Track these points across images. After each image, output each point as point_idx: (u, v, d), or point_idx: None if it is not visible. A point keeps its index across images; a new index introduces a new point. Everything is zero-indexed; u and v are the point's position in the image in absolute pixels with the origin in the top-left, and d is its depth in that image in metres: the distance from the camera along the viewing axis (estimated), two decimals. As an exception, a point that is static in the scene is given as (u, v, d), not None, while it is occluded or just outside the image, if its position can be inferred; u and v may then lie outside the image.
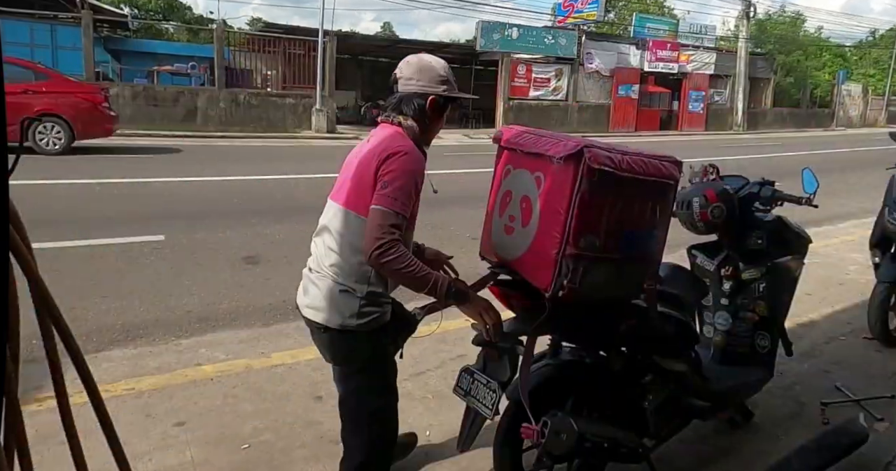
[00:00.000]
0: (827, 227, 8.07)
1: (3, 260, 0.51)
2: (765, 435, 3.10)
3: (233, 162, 11.70)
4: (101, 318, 4.24)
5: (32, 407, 2.82)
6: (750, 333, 3.09)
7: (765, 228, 3.02)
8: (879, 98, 40.32)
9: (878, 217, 4.32)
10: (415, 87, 2.11)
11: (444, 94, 2.14)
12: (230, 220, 7.07)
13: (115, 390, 3.26)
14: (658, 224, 2.09)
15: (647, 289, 2.16)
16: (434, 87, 2.12)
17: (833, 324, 4.68)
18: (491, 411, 2.22)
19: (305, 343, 3.98)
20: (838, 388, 3.55)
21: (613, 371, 2.37)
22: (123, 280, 4.98)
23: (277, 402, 3.26)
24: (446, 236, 6.88)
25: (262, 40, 21.03)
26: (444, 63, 2.20)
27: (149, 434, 2.90)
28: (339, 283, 2.11)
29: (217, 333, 4.13)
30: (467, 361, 2.64)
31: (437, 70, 2.14)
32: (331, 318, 2.13)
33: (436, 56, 2.22)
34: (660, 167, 2.02)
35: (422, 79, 2.11)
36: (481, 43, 23.76)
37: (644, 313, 2.29)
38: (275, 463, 2.73)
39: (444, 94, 2.14)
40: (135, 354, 3.76)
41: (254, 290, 4.94)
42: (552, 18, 29.05)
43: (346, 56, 24.64)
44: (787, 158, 16.23)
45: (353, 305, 2.09)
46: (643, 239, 2.07)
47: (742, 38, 30.38)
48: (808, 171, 3.17)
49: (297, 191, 9.30)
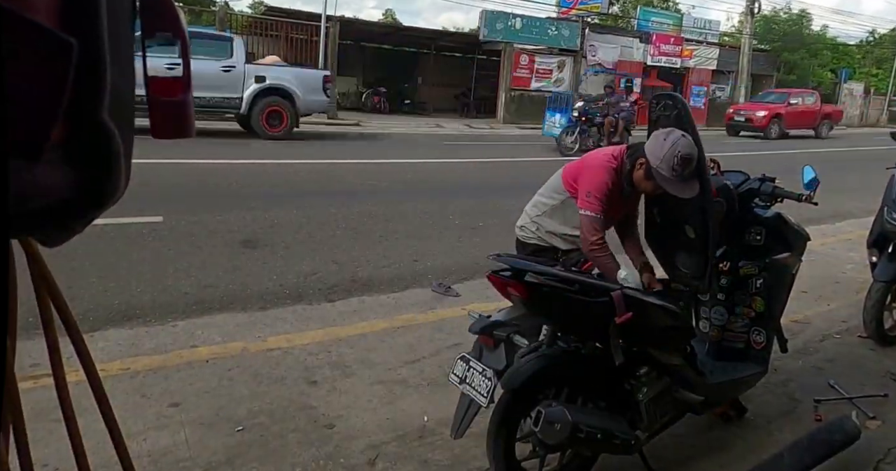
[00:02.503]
0: (825, 225, 8.07)
1: (2, 235, 0.51)
2: (758, 431, 3.11)
3: (232, 145, 11.66)
4: (98, 298, 4.23)
5: (28, 384, 2.82)
6: (746, 329, 3.10)
7: (764, 225, 3.02)
8: (881, 98, 40.24)
9: (876, 216, 4.32)
10: None
11: None
12: (229, 203, 7.05)
13: (111, 369, 3.26)
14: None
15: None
16: None
17: (828, 322, 4.69)
18: (486, 399, 2.22)
19: (302, 328, 4.01)
20: (832, 385, 3.56)
21: (609, 363, 2.37)
22: (121, 261, 4.96)
23: (272, 385, 3.26)
24: (444, 225, 6.87)
25: (265, 23, 20.87)
26: None
27: (143, 414, 2.90)
28: None
29: (213, 315, 4.12)
30: (463, 349, 2.64)
31: None
32: None
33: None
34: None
35: None
36: (484, 32, 23.62)
37: (640, 305, 2.29)
38: (269, 446, 2.74)
39: None
40: (131, 334, 3.76)
41: (251, 273, 4.94)
42: (556, 9, 28.91)
43: (348, 42, 24.47)
44: (787, 156, 16.21)
45: None
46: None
47: (746, 34, 30.27)
48: (809, 168, 3.16)
49: (296, 176, 9.28)
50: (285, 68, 13.64)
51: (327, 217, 6.72)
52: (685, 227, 2.74)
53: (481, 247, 5.93)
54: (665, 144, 2.58)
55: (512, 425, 2.30)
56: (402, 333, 4.03)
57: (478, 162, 12.22)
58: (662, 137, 2.61)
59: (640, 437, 2.46)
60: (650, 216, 2.97)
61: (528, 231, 3.11)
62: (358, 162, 11.01)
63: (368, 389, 3.30)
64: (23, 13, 0.46)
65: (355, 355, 3.67)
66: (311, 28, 19.91)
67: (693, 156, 2.56)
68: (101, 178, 0.60)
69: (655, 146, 2.62)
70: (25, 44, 0.47)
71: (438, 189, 9.09)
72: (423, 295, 4.76)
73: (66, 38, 0.48)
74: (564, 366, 2.38)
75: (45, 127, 0.50)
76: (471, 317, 2.47)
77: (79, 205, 0.61)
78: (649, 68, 27.74)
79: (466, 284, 5.01)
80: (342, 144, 14.01)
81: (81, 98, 0.53)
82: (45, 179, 0.53)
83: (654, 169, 2.62)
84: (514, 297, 2.34)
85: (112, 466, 2.24)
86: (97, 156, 0.59)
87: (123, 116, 0.61)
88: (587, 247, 2.74)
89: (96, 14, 0.53)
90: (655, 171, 2.62)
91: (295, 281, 4.85)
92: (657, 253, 2.97)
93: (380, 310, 4.42)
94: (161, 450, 2.66)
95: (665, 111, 2.72)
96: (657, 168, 2.60)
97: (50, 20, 0.50)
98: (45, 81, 0.49)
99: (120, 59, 0.59)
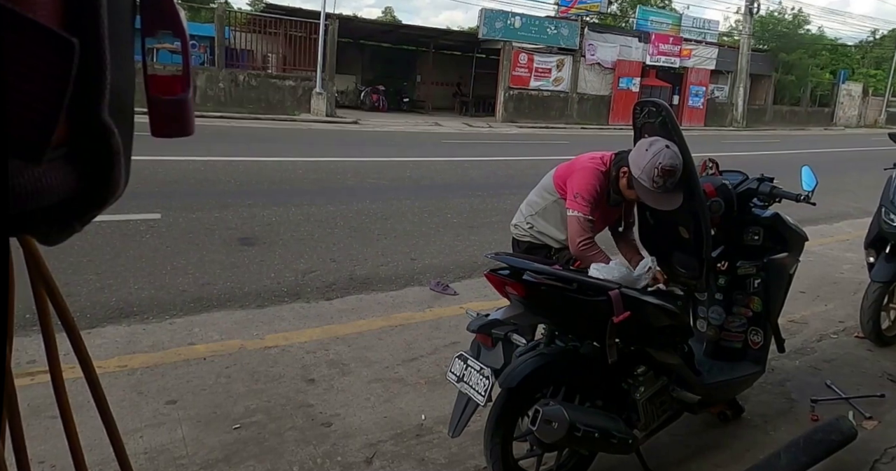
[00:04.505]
0: (823, 225, 8.09)
1: (2, 235, 0.51)
2: (754, 430, 3.12)
3: (231, 143, 11.64)
4: (95, 294, 4.23)
5: (25, 380, 2.81)
6: (743, 329, 3.10)
7: (762, 224, 3.03)
8: (879, 98, 40.30)
9: (874, 217, 4.33)
10: None
11: None
12: (227, 200, 7.04)
13: (108, 366, 3.26)
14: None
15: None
16: None
17: (826, 322, 4.70)
18: (483, 397, 2.22)
19: (299, 326, 4.01)
20: (829, 385, 3.57)
21: (606, 362, 2.38)
22: (119, 257, 4.96)
23: (270, 383, 3.26)
24: (442, 223, 6.87)
25: (264, 21, 20.85)
26: None
27: (140, 411, 2.90)
28: None
29: (211, 313, 4.12)
30: (460, 348, 2.64)
31: None
32: None
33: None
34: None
35: None
36: (484, 31, 23.61)
37: (638, 305, 2.30)
38: (266, 444, 2.74)
39: None
40: (128, 331, 3.75)
41: (249, 271, 4.93)
42: (555, 8, 28.90)
43: (347, 40, 24.46)
44: (786, 156, 16.23)
45: None
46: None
47: (745, 34, 30.29)
48: (808, 168, 3.16)
49: (294, 174, 9.27)
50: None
51: (325, 215, 6.73)
52: (679, 228, 2.74)
53: (479, 245, 5.94)
54: (647, 154, 2.54)
55: (509, 424, 2.30)
56: (400, 332, 4.03)
57: (476, 160, 12.22)
58: (645, 146, 2.58)
59: (638, 436, 2.46)
60: (643, 218, 2.97)
61: (521, 229, 3.12)
62: (356, 160, 11.00)
63: (366, 387, 3.30)
64: (24, 12, 0.46)
65: (353, 353, 3.67)
66: (310, 26, 19.89)
67: (676, 167, 2.50)
68: (101, 177, 0.60)
69: (638, 156, 2.59)
70: (26, 43, 0.46)
71: (436, 187, 9.09)
72: (420, 293, 4.77)
73: (68, 37, 0.48)
74: (562, 365, 2.38)
75: (47, 127, 0.50)
76: (468, 315, 2.47)
77: (79, 204, 0.61)
78: (648, 68, 27.75)
79: (464, 283, 5.02)
80: (340, 142, 13.99)
81: (83, 97, 0.53)
82: (45, 178, 0.53)
83: (635, 179, 2.61)
84: (512, 295, 2.34)
85: (109, 463, 2.25)
86: (98, 155, 0.58)
87: (124, 115, 0.61)
88: (574, 247, 2.75)
89: (97, 13, 0.53)
90: (636, 181, 2.60)
91: (293, 279, 4.84)
92: (653, 254, 2.98)
93: (377, 308, 4.42)
94: (158, 447, 2.65)
95: (650, 118, 2.68)
96: (638, 179, 2.58)
97: (51, 19, 0.50)
98: (46, 81, 0.48)
99: (120, 57, 0.59)
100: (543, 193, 3.06)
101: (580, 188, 2.77)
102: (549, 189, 3.03)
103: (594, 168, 2.81)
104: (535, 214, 3.06)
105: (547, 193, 3.04)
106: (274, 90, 19.55)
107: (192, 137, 0.76)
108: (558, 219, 2.96)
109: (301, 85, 19.78)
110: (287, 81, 19.84)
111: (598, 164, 2.82)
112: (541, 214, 3.04)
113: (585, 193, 2.75)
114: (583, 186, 2.77)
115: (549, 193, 3.02)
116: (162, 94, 0.72)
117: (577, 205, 2.75)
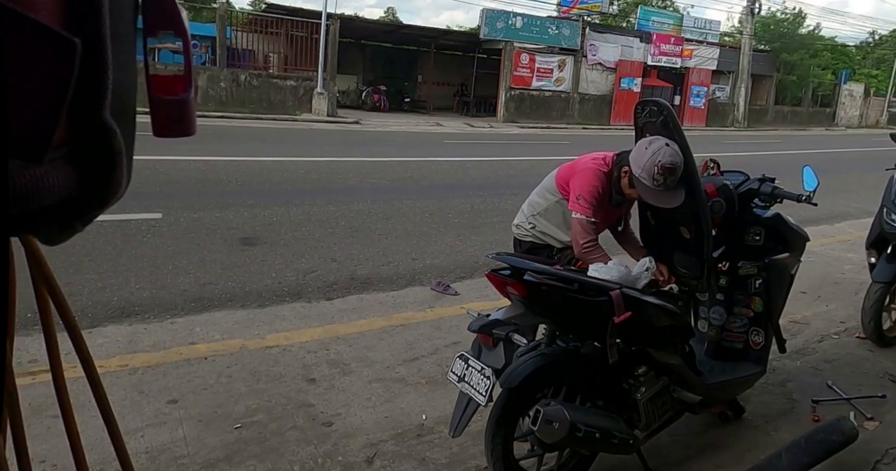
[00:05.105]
0: (824, 226, 8.08)
1: (2, 234, 0.51)
2: (755, 431, 3.12)
3: (232, 142, 11.65)
4: (97, 294, 4.23)
5: (26, 380, 2.82)
6: (744, 329, 3.10)
7: (763, 225, 3.02)
8: (881, 99, 40.26)
9: (875, 218, 4.32)
10: None
11: None
12: (228, 200, 7.05)
13: (109, 366, 3.26)
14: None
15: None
16: None
17: (827, 322, 4.70)
18: (484, 397, 2.22)
19: (301, 325, 4.01)
20: (830, 386, 3.57)
21: (607, 362, 2.37)
22: (120, 257, 4.96)
23: (271, 383, 3.26)
24: (443, 224, 6.87)
25: (265, 21, 20.85)
26: None
27: (142, 411, 2.90)
28: None
29: (212, 312, 4.13)
30: (461, 348, 2.64)
31: None
32: None
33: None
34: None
35: None
36: (485, 31, 23.61)
37: (640, 305, 2.30)
38: (267, 444, 2.74)
39: None
40: (129, 331, 3.76)
41: (250, 271, 4.94)
42: (557, 8, 28.89)
43: (348, 40, 24.46)
44: (787, 156, 16.22)
45: None
46: None
47: (746, 34, 30.27)
48: (809, 168, 3.16)
49: (295, 174, 9.27)
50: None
51: (326, 215, 6.73)
52: (679, 228, 2.74)
53: (480, 246, 5.94)
54: (646, 153, 2.55)
55: (510, 424, 2.30)
56: (401, 332, 4.03)
57: (477, 160, 12.22)
58: (645, 145, 2.58)
59: (638, 436, 2.46)
60: (644, 218, 2.97)
61: (523, 229, 3.13)
62: (357, 160, 11.01)
63: (367, 387, 3.30)
64: (25, 12, 0.46)
65: (354, 353, 3.67)
66: (311, 26, 19.89)
67: (676, 165, 2.51)
68: (103, 177, 0.60)
69: (638, 155, 2.60)
70: (27, 43, 0.46)
71: (438, 187, 9.09)
72: (421, 293, 4.77)
73: (69, 37, 0.48)
74: (563, 365, 2.38)
75: (49, 128, 0.50)
76: (469, 315, 2.47)
77: (80, 204, 0.61)
78: (649, 68, 27.74)
79: (465, 283, 5.02)
80: (342, 142, 13.99)
81: (84, 98, 0.53)
82: (46, 178, 0.53)
83: (636, 178, 2.61)
84: (513, 295, 2.34)
85: (110, 462, 2.25)
86: (99, 155, 0.59)
87: (125, 115, 0.61)
88: (578, 249, 2.76)
89: (99, 13, 0.53)
90: (637, 180, 2.60)
91: (294, 279, 4.85)
92: (654, 253, 2.98)
93: (378, 308, 4.42)
94: (159, 447, 2.66)
95: (651, 118, 2.69)
96: (639, 177, 2.58)
97: (52, 19, 0.50)
98: (47, 81, 0.48)
99: (122, 57, 0.59)
100: (545, 193, 3.07)
101: (582, 190, 2.77)
102: (551, 190, 3.03)
103: (596, 169, 2.81)
104: (538, 214, 3.06)
105: (549, 193, 3.04)
106: (275, 90, 19.56)
107: (193, 136, 0.76)
108: (560, 219, 2.97)
109: (302, 85, 19.78)
110: (288, 81, 19.85)
111: (599, 164, 2.83)
112: (543, 215, 3.04)
113: (588, 195, 2.76)
114: (585, 187, 2.77)
115: (552, 193, 3.02)
116: (164, 95, 0.72)
117: (580, 207, 2.75)
